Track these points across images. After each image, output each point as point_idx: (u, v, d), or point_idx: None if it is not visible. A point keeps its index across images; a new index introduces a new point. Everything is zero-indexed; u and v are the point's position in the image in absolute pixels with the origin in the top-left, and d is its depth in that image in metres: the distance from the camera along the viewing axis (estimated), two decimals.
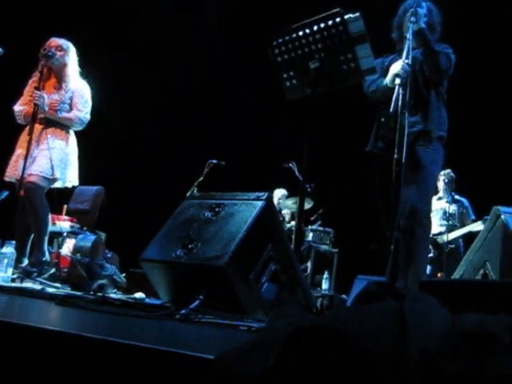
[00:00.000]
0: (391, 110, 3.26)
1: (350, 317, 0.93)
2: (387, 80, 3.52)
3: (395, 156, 3.25)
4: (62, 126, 4.53)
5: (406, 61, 3.37)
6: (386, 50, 3.85)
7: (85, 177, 4.81)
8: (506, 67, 6.82)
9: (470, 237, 5.93)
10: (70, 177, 4.52)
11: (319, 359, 0.87)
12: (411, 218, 3.35)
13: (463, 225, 6.17)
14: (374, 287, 1.21)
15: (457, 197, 6.27)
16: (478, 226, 5.88)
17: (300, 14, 3.19)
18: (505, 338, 0.94)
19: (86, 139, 4.83)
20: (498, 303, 1.70)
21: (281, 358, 0.91)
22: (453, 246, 6.04)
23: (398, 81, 3.32)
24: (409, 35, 3.40)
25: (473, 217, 6.25)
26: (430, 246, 5.95)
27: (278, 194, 7.90)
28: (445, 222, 6.14)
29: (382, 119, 3.67)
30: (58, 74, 4.61)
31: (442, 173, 6.12)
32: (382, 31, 3.86)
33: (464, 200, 6.38)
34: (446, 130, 3.61)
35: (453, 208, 6.12)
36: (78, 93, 4.60)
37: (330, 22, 2.99)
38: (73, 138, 4.63)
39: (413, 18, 3.42)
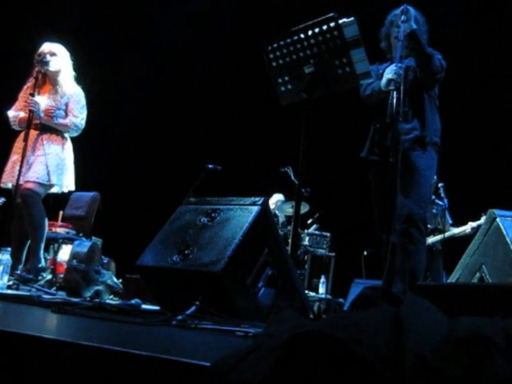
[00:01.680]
0: (387, 117, 3.27)
1: (345, 322, 0.93)
2: (381, 84, 3.53)
3: (390, 159, 3.26)
4: (58, 131, 4.52)
5: (399, 64, 3.38)
6: (379, 54, 3.87)
7: (80, 183, 4.81)
8: (494, 73, 6.85)
9: (447, 240, 5.99)
10: (66, 182, 4.51)
11: (316, 366, 0.87)
12: (408, 222, 3.37)
13: (443, 228, 6.19)
14: (370, 292, 1.21)
15: (437, 200, 6.29)
16: (463, 231, 5.92)
17: (295, 19, 3.19)
18: (501, 342, 0.94)
19: (82, 145, 4.82)
20: (494, 306, 1.70)
21: (278, 365, 0.90)
22: (440, 248, 6.07)
23: (392, 86, 3.33)
24: (400, 35, 3.40)
25: (450, 221, 6.28)
26: None
27: (274, 199, 7.85)
28: (428, 226, 6.15)
29: (377, 125, 3.68)
30: (52, 80, 4.60)
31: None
32: (376, 37, 3.89)
33: (443, 204, 6.38)
34: (440, 135, 3.63)
35: (433, 211, 6.14)
36: (73, 98, 4.59)
37: (325, 27, 3.00)
38: (68, 144, 4.63)
39: (403, 17, 3.42)
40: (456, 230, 6.06)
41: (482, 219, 4.90)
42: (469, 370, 0.88)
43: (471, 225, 5.77)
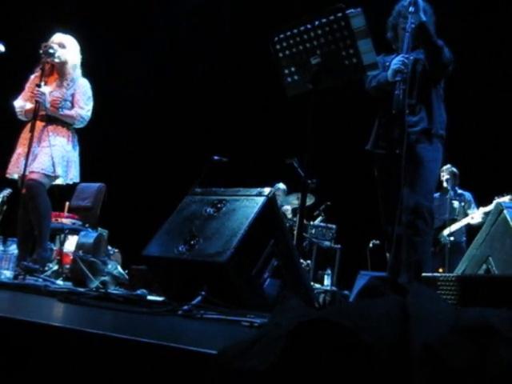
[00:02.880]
0: (393, 108, 3.25)
1: (352, 311, 0.93)
2: (388, 75, 3.50)
3: (397, 151, 3.25)
4: (64, 123, 4.53)
5: (406, 55, 3.35)
6: (385, 46, 3.84)
7: (86, 174, 4.82)
8: (502, 61, 6.82)
9: (472, 231, 5.94)
10: (71, 174, 4.51)
11: (322, 354, 0.87)
12: (414, 213, 3.36)
13: (461, 218, 6.18)
14: (377, 282, 1.21)
15: (459, 191, 6.27)
16: (476, 219, 5.89)
17: (302, 10, 3.18)
18: (508, 332, 0.94)
19: (88, 136, 4.83)
20: (501, 297, 1.70)
21: (284, 353, 0.91)
22: (452, 239, 6.03)
23: (398, 77, 3.31)
24: (408, 27, 3.37)
25: (476, 210, 6.24)
26: None
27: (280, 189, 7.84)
28: (446, 217, 6.14)
29: (383, 118, 3.65)
30: (59, 71, 4.60)
31: (444, 168, 6.12)
32: (382, 29, 3.86)
33: (467, 194, 6.37)
34: (445, 128, 3.61)
35: (455, 202, 6.11)
36: (79, 90, 4.59)
37: (332, 17, 2.98)
38: (74, 135, 4.63)
39: (412, 8, 3.38)
40: (468, 218, 6.03)
41: (493, 204, 4.80)
42: (475, 359, 0.88)
43: (482, 210, 5.73)
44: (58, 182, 4.53)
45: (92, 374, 1.22)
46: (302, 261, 2.97)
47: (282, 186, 7.96)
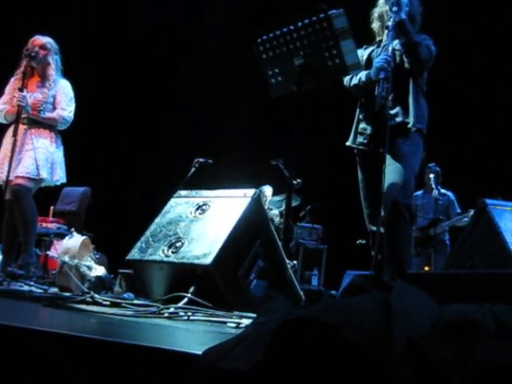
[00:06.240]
0: (376, 104, 3.23)
1: (336, 308, 0.94)
2: (371, 73, 3.48)
3: (381, 150, 3.25)
4: (46, 125, 4.49)
5: (389, 53, 3.35)
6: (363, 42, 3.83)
7: (71, 177, 4.78)
8: (489, 58, 6.87)
9: (455, 230, 6.00)
10: (57, 175, 4.46)
11: (307, 351, 0.87)
12: (392, 211, 3.31)
13: (449, 218, 6.23)
14: (361, 280, 1.22)
15: (443, 190, 6.31)
16: (463, 219, 5.95)
17: (285, 11, 3.19)
18: (490, 327, 0.95)
19: (73, 139, 4.79)
20: (484, 293, 1.71)
21: (269, 351, 0.91)
22: (439, 238, 6.09)
23: (382, 75, 3.30)
24: (390, 26, 3.36)
25: (458, 210, 6.29)
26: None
27: (268, 192, 7.83)
28: (431, 216, 6.18)
29: (363, 114, 3.63)
30: (41, 74, 4.56)
31: (429, 166, 6.16)
32: (359, 25, 3.83)
33: (450, 194, 6.41)
34: (426, 122, 3.56)
35: (439, 202, 6.16)
36: (61, 91, 4.55)
37: (314, 18, 2.99)
38: (58, 136, 4.59)
39: (395, 8, 3.37)
40: (456, 220, 6.09)
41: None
42: (458, 353, 0.89)
43: (472, 212, 5.78)
44: (45, 184, 4.48)
45: (79, 377, 1.21)
46: (288, 261, 2.97)
47: (267, 188, 7.93)
